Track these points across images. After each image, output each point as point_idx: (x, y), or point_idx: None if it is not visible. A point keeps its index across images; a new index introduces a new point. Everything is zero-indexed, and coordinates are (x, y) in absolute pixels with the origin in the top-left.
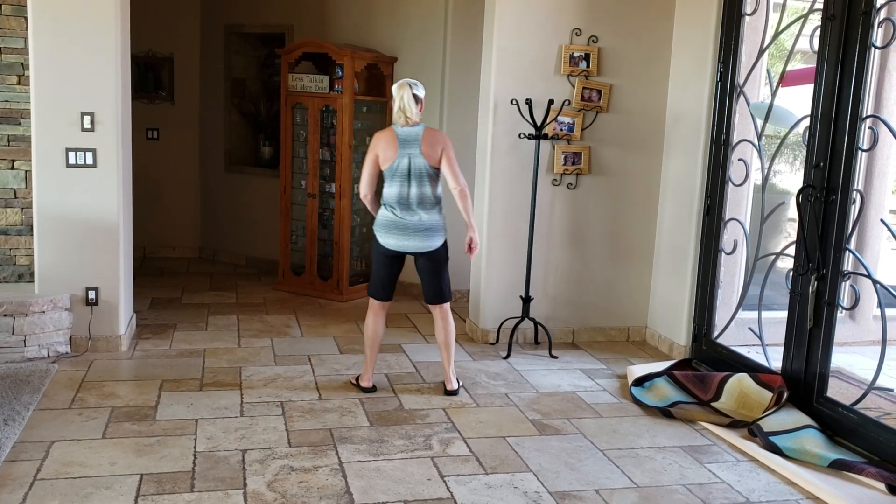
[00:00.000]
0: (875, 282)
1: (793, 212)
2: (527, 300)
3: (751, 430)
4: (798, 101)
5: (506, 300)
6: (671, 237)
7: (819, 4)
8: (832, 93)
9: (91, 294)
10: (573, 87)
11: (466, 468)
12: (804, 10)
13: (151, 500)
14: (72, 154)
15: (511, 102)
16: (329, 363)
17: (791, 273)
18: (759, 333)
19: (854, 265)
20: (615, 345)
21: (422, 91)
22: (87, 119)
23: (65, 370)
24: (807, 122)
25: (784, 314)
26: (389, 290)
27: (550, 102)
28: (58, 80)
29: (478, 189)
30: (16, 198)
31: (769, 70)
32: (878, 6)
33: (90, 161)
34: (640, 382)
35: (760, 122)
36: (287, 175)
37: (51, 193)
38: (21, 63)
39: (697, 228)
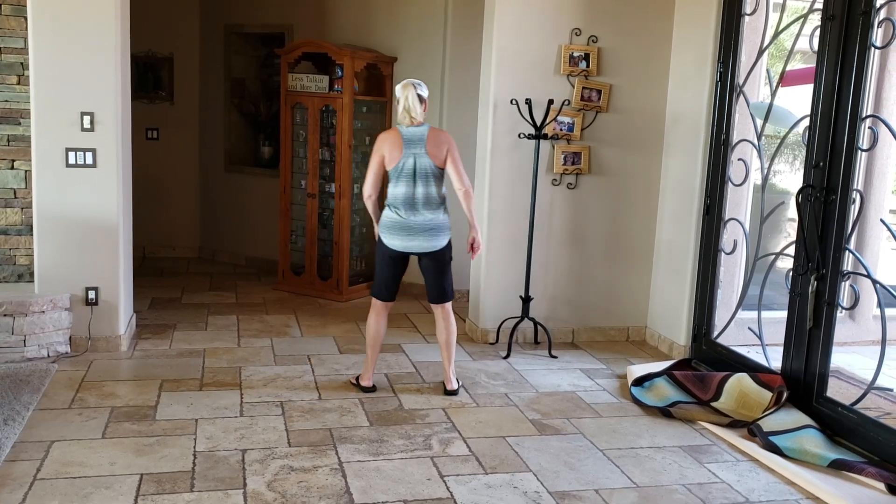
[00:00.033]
0: (875, 282)
1: (792, 212)
2: (526, 300)
3: (750, 430)
4: (798, 101)
5: (505, 300)
6: (671, 237)
7: (819, 4)
8: (832, 93)
9: (91, 294)
10: (573, 87)
11: (466, 468)
12: (804, 10)
13: (151, 500)
14: (72, 154)
15: (511, 102)
16: (329, 363)
17: (791, 273)
18: (759, 333)
19: (854, 265)
20: (615, 345)
21: (425, 91)
22: (87, 119)
23: (65, 370)
24: (806, 122)
25: (784, 314)
26: (393, 291)
27: (550, 102)
28: (57, 80)
29: (477, 189)
30: (16, 198)
31: (769, 70)
32: (878, 6)
33: (90, 161)
34: (640, 382)
35: (760, 122)
36: (287, 175)
37: (51, 193)
38: (21, 63)
39: (697, 228)
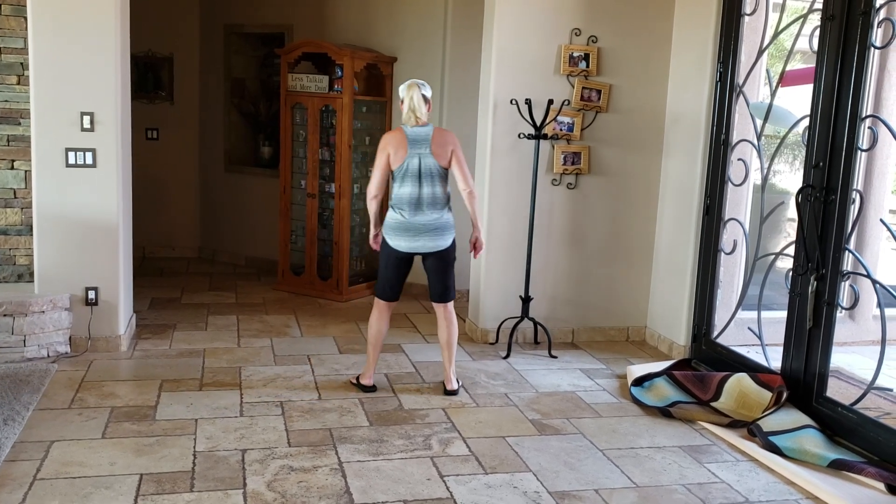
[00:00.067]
0: (874, 282)
1: (792, 212)
2: (526, 300)
3: (750, 430)
4: (797, 101)
5: (505, 300)
6: (671, 237)
7: (818, 4)
8: (831, 93)
9: (91, 294)
10: (573, 87)
11: (466, 468)
12: (804, 10)
13: (151, 500)
14: (71, 154)
15: (511, 102)
16: (329, 363)
17: (790, 273)
18: (759, 333)
19: (853, 265)
20: (615, 345)
21: (429, 91)
22: (87, 119)
23: (64, 370)
24: (806, 122)
25: (783, 314)
26: (397, 291)
27: (550, 102)
28: (57, 80)
29: (477, 189)
30: (15, 198)
31: (769, 70)
32: (878, 6)
33: (90, 161)
34: (640, 382)
35: (760, 122)
36: (287, 175)
37: (50, 193)
38: (21, 63)
39: (697, 228)
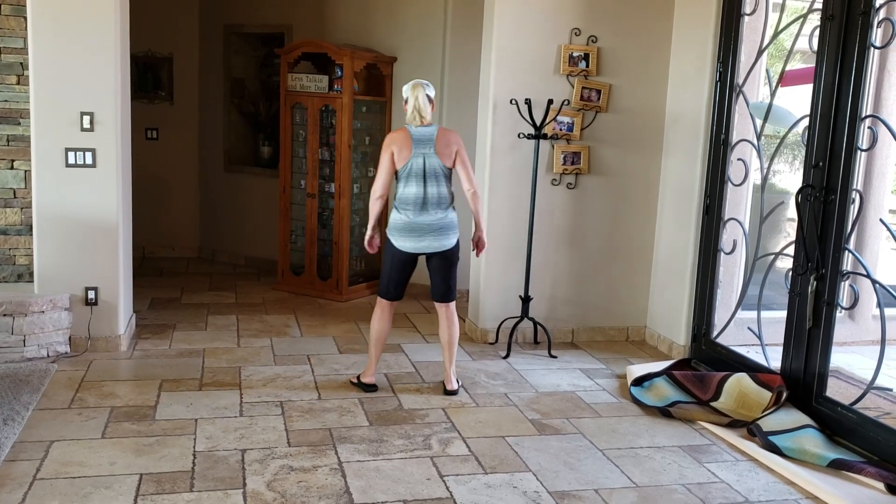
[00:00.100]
0: (874, 281)
1: (792, 211)
2: (526, 300)
3: (750, 430)
4: (797, 101)
5: (505, 300)
6: (670, 237)
7: (818, 4)
8: (831, 93)
9: (90, 294)
10: (572, 87)
11: (466, 468)
12: (803, 10)
13: (151, 500)
14: (71, 154)
15: (510, 102)
16: (328, 363)
17: (790, 273)
18: (759, 333)
19: (853, 265)
20: (614, 344)
21: (433, 91)
22: (87, 119)
23: (64, 370)
24: (806, 122)
25: (783, 314)
26: (401, 291)
27: (550, 102)
28: (57, 80)
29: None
30: (15, 198)
31: (768, 70)
32: (878, 6)
33: (90, 161)
34: (640, 382)
35: (760, 122)
36: (286, 175)
37: (50, 193)
38: (20, 63)
39: (697, 228)
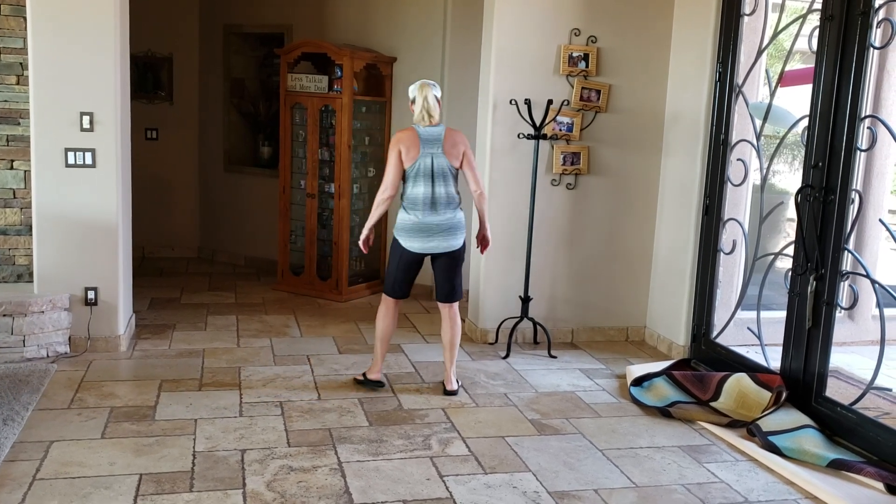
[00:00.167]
0: (874, 282)
1: (791, 212)
2: (526, 300)
3: (749, 430)
4: (797, 101)
5: (505, 300)
6: (670, 237)
7: (818, 5)
8: (831, 93)
9: (90, 294)
10: (572, 87)
11: (465, 468)
12: (803, 11)
13: (150, 500)
14: (71, 154)
15: (510, 102)
16: (328, 363)
17: (790, 273)
18: (758, 333)
19: (853, 265)
20: (614, 345)
21: (439, 91)
22: (87, 119)
23: (64, 370)
24: (805, 122)
25: (783, 314)
26: (407, 290)
27: (549, 102)
28: (57, 80)
29: None
30: (15, 198)
31: (768, 70)
32: (877, 6)
33: (89, 161)
34: (639, 382)
35: (759, 122)
36: (286, 175)
37: (50, 193)
38: (20, 63)
39: (696, 228)
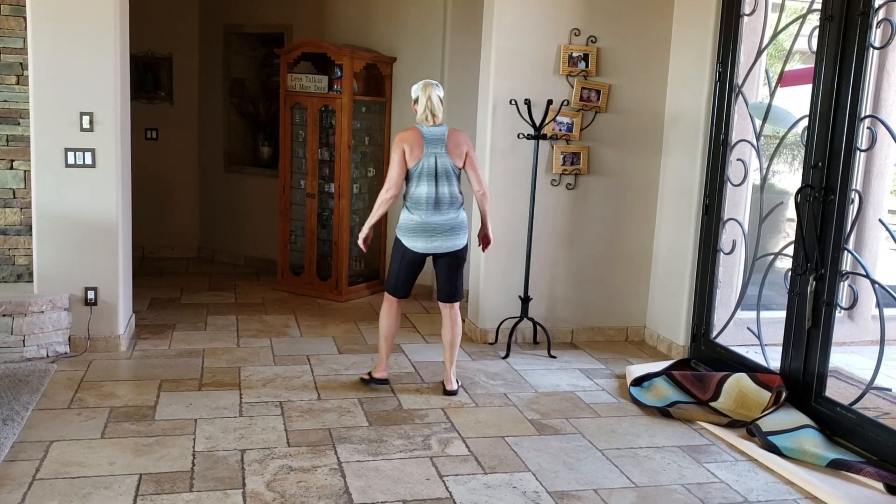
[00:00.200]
0: (873, 282)
1: (791, 212)
2: (525, 300)
3: (749, 430)
4: (796, 102)
5: (505, 300)
6: (670, 237)
7: (817, 5)
8: (830, 93)
9: (90, 294)
10: (572, 87)
11: (465, 468)
12: (803, 11)
13: (150, 500)
14: (71, 154)
15: (510, 102)
16: (328, 363)
17: (790, 273)
18: (758, 333)
19: (852, 265)
20: (614, 345)
21: (442, 91)
22: (86, 119)
23: (64, 370)
24: (805, 122)
25: (783, 314)
26: (409, 290)
27: (549, 102)
28: (57, 80)
29: None
30: (15, 198)
31: (768, 70)
32: (877, 6)
33: (89, 161)
34: (639, 382)
35: (759, 122)
36: (286, 175)
37: (50, 193)
38: (20, 63)
39: (696, 228)
